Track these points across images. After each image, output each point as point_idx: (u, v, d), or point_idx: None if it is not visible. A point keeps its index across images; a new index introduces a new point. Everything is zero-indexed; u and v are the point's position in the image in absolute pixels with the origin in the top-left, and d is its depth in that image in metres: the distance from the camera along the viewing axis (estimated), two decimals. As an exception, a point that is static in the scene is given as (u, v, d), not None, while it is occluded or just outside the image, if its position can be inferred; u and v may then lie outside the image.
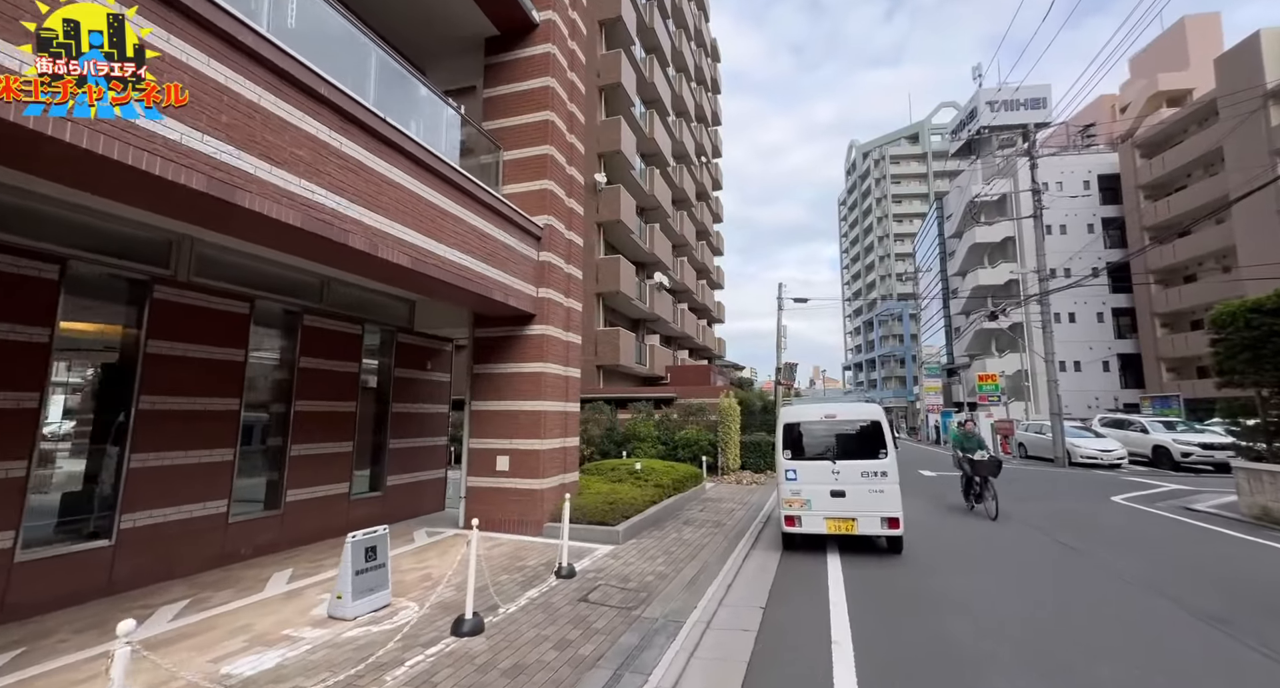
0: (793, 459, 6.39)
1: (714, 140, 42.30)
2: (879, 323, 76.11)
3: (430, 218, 5.25)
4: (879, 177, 78.55)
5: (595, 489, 8.12)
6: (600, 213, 20.13)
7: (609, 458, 13.97)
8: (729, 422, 13.77)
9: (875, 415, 6.40)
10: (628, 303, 21.45)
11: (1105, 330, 34.83)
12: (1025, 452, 20.81)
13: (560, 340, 7.47)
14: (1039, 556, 6.31)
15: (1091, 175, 36.31)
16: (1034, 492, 12.13)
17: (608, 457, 14.12)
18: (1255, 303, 8.83)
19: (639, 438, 14.05)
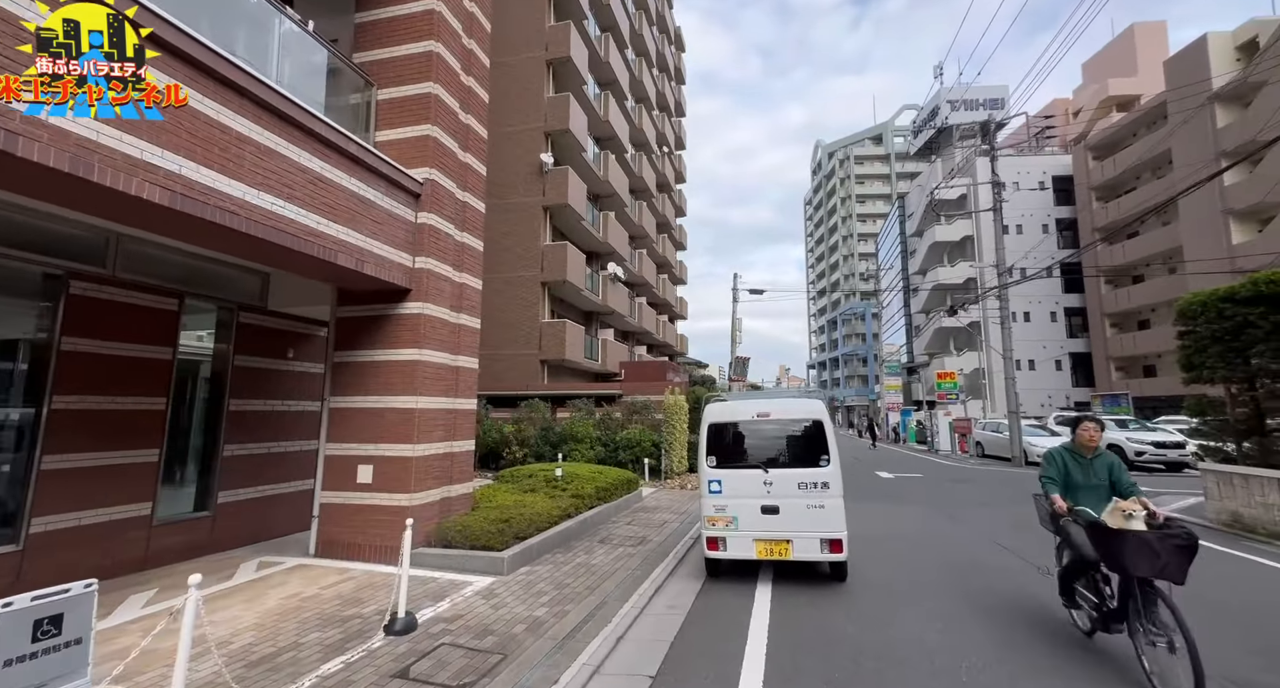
0: (718, 467, 5.23)
1: (677, 131, 41.23)
2: (842, 322, 76.78)
3: (236, 154, 3.85)
4: (844, 176, 79.22)
5: (499, 502, 6.82)
6: (546, 196, 18.72)
7: (543, 461, 12.65)
8: (675, 420, 12.63)
9: (816, 414, 5.30)
10: (576, 294, 20.11)
11: (1058, 330, 35.34)
12: (982, 450, 20.44)
13: (446, 322, 6.12)
14: (1006, 581, 5.32)
15: (1046, 176, 36.81)
16: (993, 495, 11.39)
17: (542, 460, 12.80)
18: (1228, 291, 8.16)
19: (576, 439, 12.77)
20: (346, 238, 4.87)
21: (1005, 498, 10.84)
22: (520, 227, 18.80)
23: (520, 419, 13.60)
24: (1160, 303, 30.43)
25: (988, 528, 7.81)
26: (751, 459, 5.18)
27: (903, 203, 47.60)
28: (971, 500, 10.54)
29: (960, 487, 12.58)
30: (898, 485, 12.72)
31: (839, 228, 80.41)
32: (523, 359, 18.14)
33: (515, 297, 18.49)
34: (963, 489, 12.17)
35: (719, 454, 5.28)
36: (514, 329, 18.32)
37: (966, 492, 11.79)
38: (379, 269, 5.28)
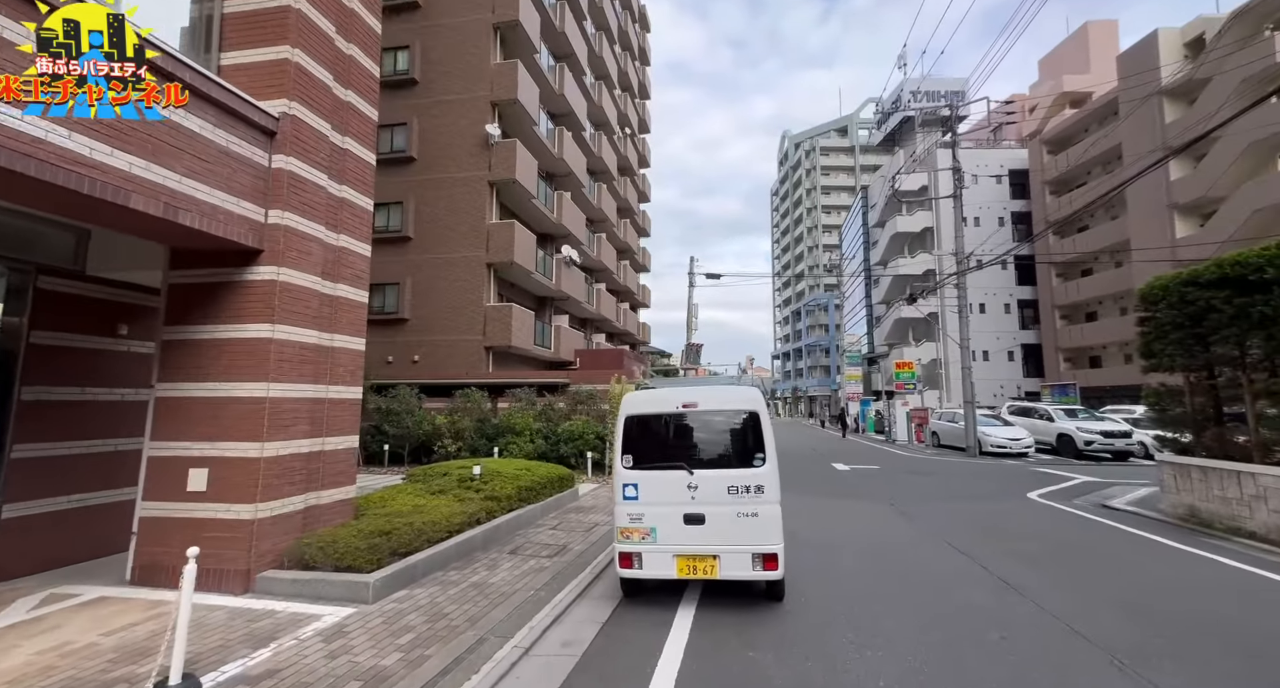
0: (634, 468, 4.35)
1: (641, 114, 40.04)
2: (806, 313, 77.47)
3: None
4: (809, 167, 79.53)
5: (393, 507, 5.79)
6: (493, 170, 17.41)
7: (478, 455, 11.61)
8: (618, 411, 11.72)
9: (751, 404, 4.47)
10: (527, 277, 18.93)
11: (1011, 321, 36.07)
12: (938, 440, 20.37)
13: (315, 293, 5.01)
14: (966, 597, 4.63)
15: (1004, 170, 37.32)
16: (950, 490, 10.96)
17: (477, 454, 11.75)
18: (1191, 275, 7.75)
19: (515, 431, 11.76)
20: (147, 175, 3.72)
21: (962, 493, 10.40)
22: (463, 203, 17.46)
23: (455, 410, 12.49)
24: (1107, 296, 31.29)
25: (945, 528, 7.23)
26: (674, 459, 4.32)
27: (865, 194, 47.77)
28: (928, 495, 10.05)
29: (916, 480, 12.16)
30: (854, 479, 12.21)
31: (804, 219, 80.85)
32: (465, 345, 16.92)
33: (457, 278, 17.21)
34: (919, 483, 11.73)
35: (636, 453, 4.40)
36: (456, 313, 17.05)
37: (923, 486, 11.35)
38: (207, 221, 4.13)
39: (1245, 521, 6.81)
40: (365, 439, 12.56)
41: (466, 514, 5.96)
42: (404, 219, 17.43)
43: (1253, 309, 6.69)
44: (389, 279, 17.40)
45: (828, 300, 69.46)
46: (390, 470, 11.91)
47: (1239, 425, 7.56)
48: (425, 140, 17.90)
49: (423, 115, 17.93)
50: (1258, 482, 6.66)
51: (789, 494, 9.92)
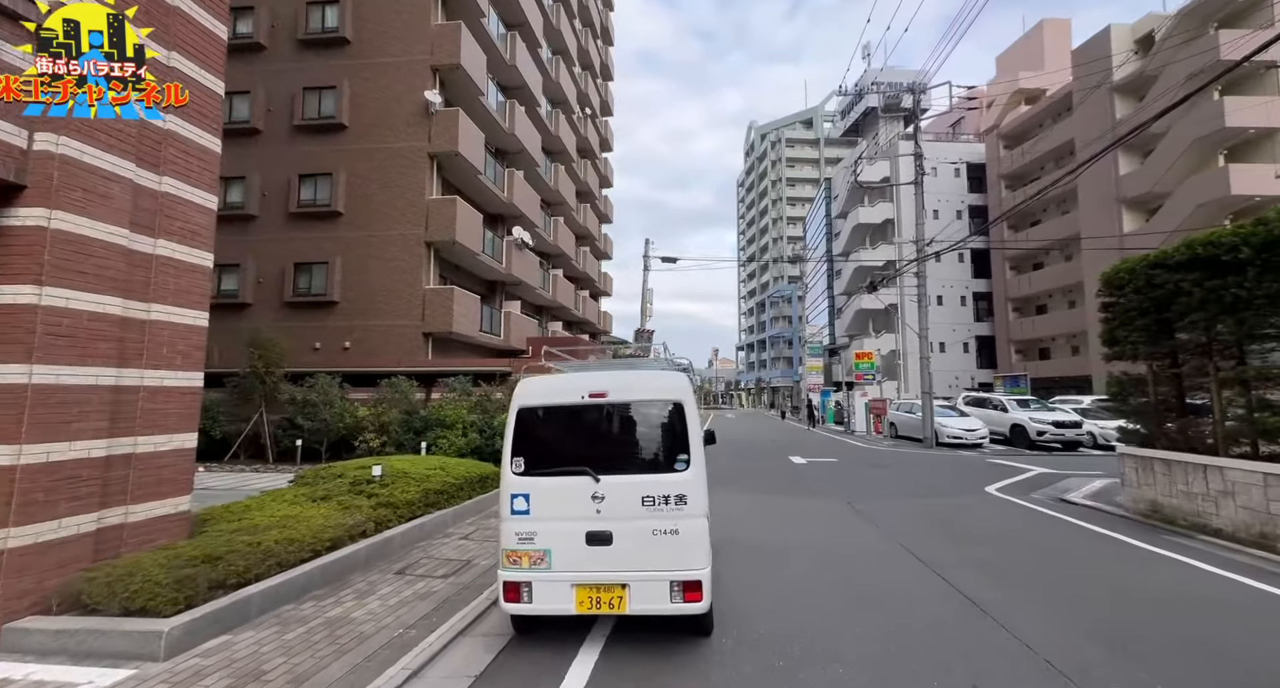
0: (526, 474, 3.43)
1: (603, 95, 38.73)
2: (770, 305, 77.90)
3: None
4: (775, 159, 79.60)
5: (254, 520, 4.71)
6: (433, 141, 16.02)
7: (405, 451, 10.47)
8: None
9: (675, 394, 3.62)
10: (472, 258, 17.65)
11: (967, 314, 36.68)
12: (896, 431, 20.21)
13: (118, 249, 3.85)
14: (930, 621, 3.91)
15: (962, 163, 37.74)
16: (908, 484, 10.47)
17: (404, 450, 10.61)
18: (1159, 257, 7.31)
19: (445, 424, 10.65)
20: None
21: (920, 487, 9.90)
22: (400, 176, 16.03)
23: (380, 401, 11.27)
24: (1056, 289, 32.03)
25: (904, 530, 6.59)
26: (577, 462, 3.41)
27: (828, 186, 47.80)
28: (886, 490, 9.50)
29: (874, 474, 11.68)
30: (810, 473, 11.62)
31: (769, 210, 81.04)
32: (401, 331, 15.60)
33: (393, 258, 15.82)
34: (876, 477, 11.23)
35: (529, 455, 3.47)
36: (392, 296, 15.69)
37: (880, 480, 10.84)
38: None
39: (1210, 517, 6.41)
40: (276, 434, 11.23)
41: (346, 526, 4.93)
42: (333, 192, 15.88)
43: (1225, 292, 6.24)
44: (316, 258, 15.88)
45: (791, 292, 69.86)
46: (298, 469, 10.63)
47: (1203, 416, 7.19)
48: (358, 106, 16.33)
49: (355, 79, 16.33)
50: (1225, 476, 6.25)
51: (742, 493, 9.28)
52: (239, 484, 8.95)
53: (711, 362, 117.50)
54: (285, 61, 16.54)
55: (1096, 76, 24.91)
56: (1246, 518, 5.94)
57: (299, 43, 16.50)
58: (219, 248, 16.50)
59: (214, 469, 10.50)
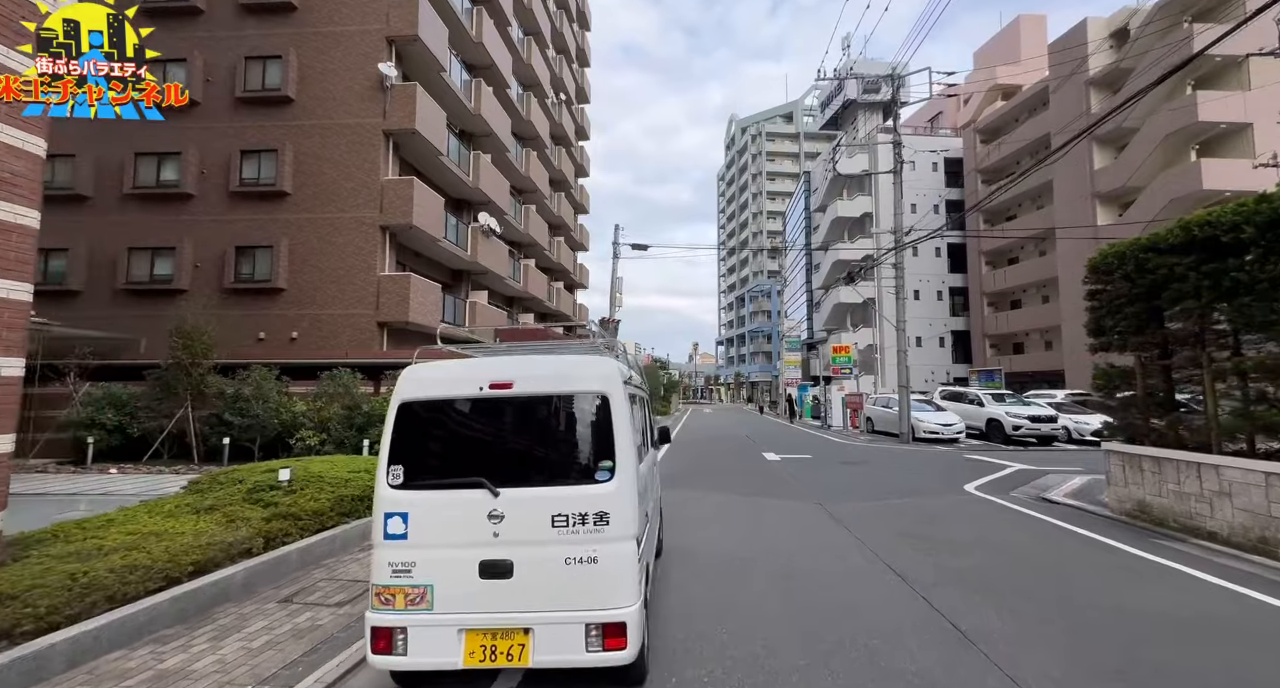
0: (406, 487, 2.68)
1: (580, 81, 37.66)
2: (749, 299, 77.79)
3: None
4: (755, 152, 79.24)
5: (106, 537, 3.89)
6: (389, 118, 14.97)
7: (344, 450, 9.60)
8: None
9: (599, 384, 2.91)
10: (433, 245, 16.67)
11: (943, 308, 36.73)
12: (872, 426, 19.86)
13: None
14: (916, 665, 3.28)
15: (940, 157, 37.69)
16: (885, 483, 9.95)
17: (344, 448, 9.73)
18: (1151, 240, 6.83)
19: (388, 421, 9.76)
20: None
21: (897, 486, 9.38)
22: (351, 154, 14.96)
23: (320, 395, 10.33)
24: (1031, 284, 32.16)
25: (880, 538, 6.00)
26: (471, 471, 2.68)
27: (808, 179, 47.51)
28: (861, 490, 8.95)
29: (849, 472, 11.16)
30: (783, 471, 11.04)
31: (749, 204, 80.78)
32: (354, 321, 14.61)
33: (346, 243, 14.78)
34: (851, 475, 10.71)
35: (412, 462, 2.73)
36: (343, 283, 14.66)
37: (855, 479, 10.32)
38: None
39: (1204, 520, 5.96)
40: (203, 431, 10.22)
41: (223, 545, 4.12)
42: (279, 170, 14.74)
43: (1224, 276, 5.76)
44: (261, 241, 14.75)
45: (771, 287, 69.74)
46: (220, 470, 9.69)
47: (1195, 411, 6.76)
48: (307, 79, 15.18)
49: (303, 48, 15.17)
50: (1221, 476, 5.79)
51: (710, 493, 8.50)
52: (148, 488, 7.99)
53: (692, 356, 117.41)
54: (225, 27, 15.29)
55: (1072, 69, 24.81)
56: (1245, 521, 5.48)
57: (240, 7, 15.26)
58: (150, 229, 15.17)
59: (128, 471, 9.48)
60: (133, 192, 14.84)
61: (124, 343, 13.05)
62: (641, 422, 4.36)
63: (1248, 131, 21.32)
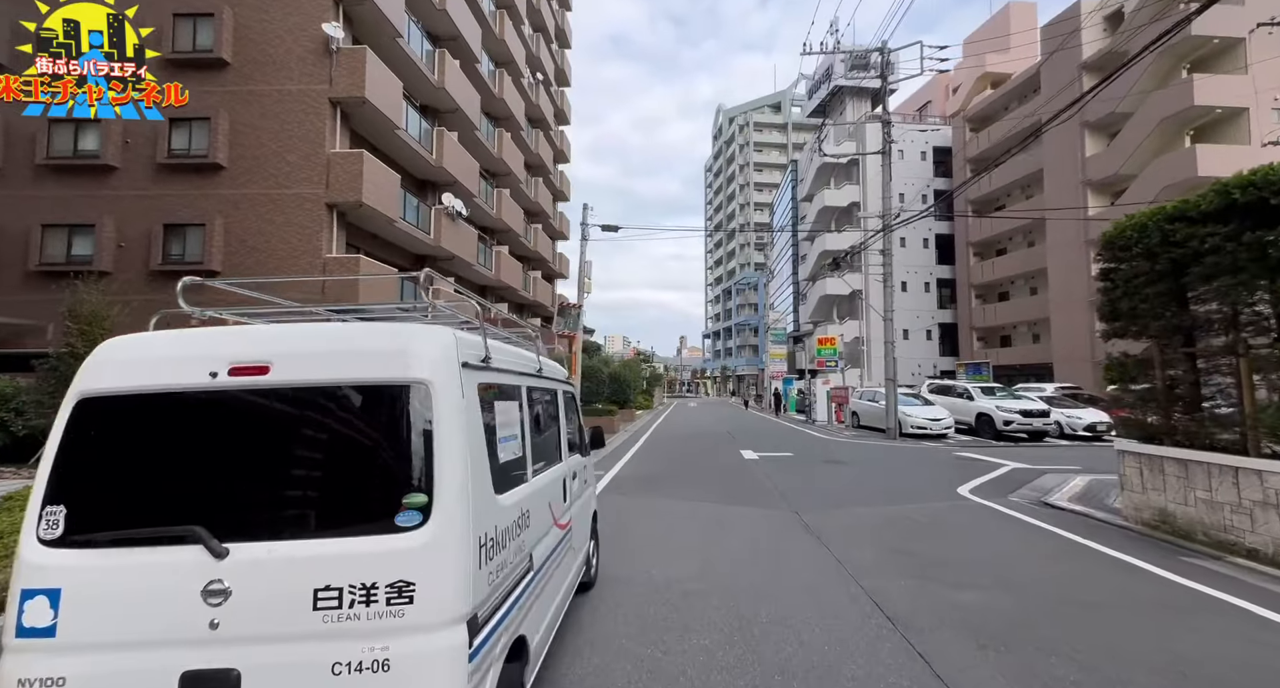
0: (65, 543, 1.59)
1: (560, 63, 36.25)
2: (736, 292, 77.00)
3: None
4: (743, 143, 78.20)
5: None
6: (335, 85, 13.65)
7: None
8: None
9: (414, 367, 1.83)
10: (388, 226, 15.39)
11: (930, 300, 36.10)
12: (858, 421, 19.04)
13: None
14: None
15: (928, 147, 36.94)
16: (870, 486, 9.03)
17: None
18: (1179, 208, 5.89)
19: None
20: None
21: (884, 490, 8.45)
22: (294, 125, 13.63)
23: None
24: (1019, 275, 31.59)
25: (864, 560, 5.02)
26: (181, 514, 1.59)
27: (795, 168, 46.60)
28: (844, 495, 8.00)
29: (832, 472, 10.22)
30: (760, 472, 10.07)
31: (737, 195, 79.80)
32: (297, 308, 13.30)
33: (288, 222, 13.49)
34: (834, 477, 9.77)
35: (83, 500, 1.63)
36: (285, 266, 13.37)
37: (839, 481, 9.38)
38: None
39: (1243, 534, 5.07)
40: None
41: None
42: (211, 141, 13.37)
43: (1274, 246, 4.82)
44: (192, 219, 13.40)
45: (757, 279, 68.98)
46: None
47: (1222, 406, 5.86)
48: (244, 40, 13.78)
49: (239, 5, 13.75)
50: (1266, 483, 4.89)
51: (674, 500, 7.13)
52: (12, 498, 6.76)
53: (680, 350, 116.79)
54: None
55: (1064, 53, 24.03)
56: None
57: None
58: (67, 204, 13.66)
59: (7, 476, 8.21)
60: (47, 162, 13.37)
61: (26, 329, 11.68)
62: (557, 427, 3.34)
63: (1244, 116, 20.70)
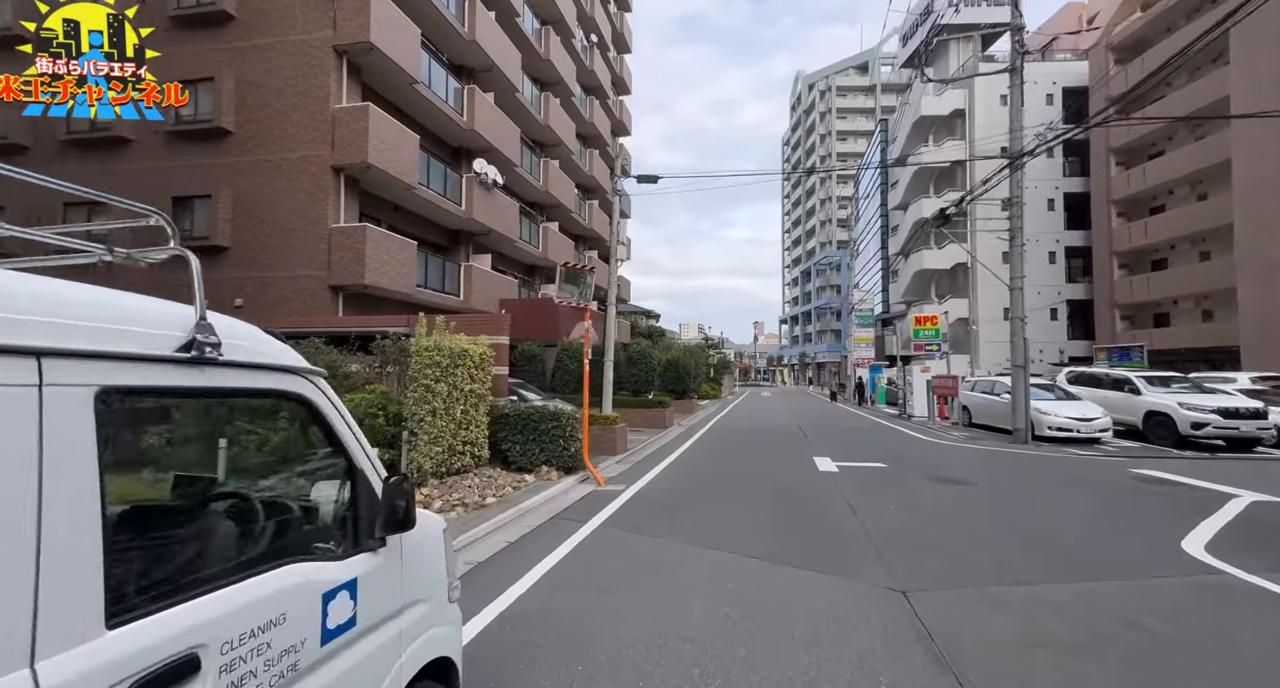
0: None
1: (619, 27, 33.68)
2: (816, 273, 71.45)
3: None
4: (824, 110, 71.82)
5: None
6: (339, 30, 12.06)
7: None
8: (437, 376, 6.73)
9: None
10: (407, 193, 13.78)
11: (1056, 273, 30.13)
12: (969, 417, 15.24)
13: None
14: None
15: (1056, 88, 30.61)
16: (1014, 529, 5.92)
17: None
18: None
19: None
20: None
21: (1042, 540, 5.33)
22: (299, 79, 12.22)
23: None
24: (1183, 237, 25.24)
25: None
26: None
27: (885, 128, 41.13)
28: (979, 550, 5.01)
29: (950, 499, 7.11)
30: (838, 495, 7.18)
31: (817, 166, 73.57)
32: (303, 284, 12.04)
33: (293, 189, 12.18)
34: (956, 508, 6.69)
35: None
36: (288, 238, 12.10)
37: (964, 517, 6.32)
38: None
39: None
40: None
41: None
42: (217, 104, 12.26)
43: None
44: (198, 191, 12.41)
45: (840, 258, 63.27)
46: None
47: None
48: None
49: (241, -48, 12.49)
50: None
51: (701, 546, 3.55)
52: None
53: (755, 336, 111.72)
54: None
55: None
56: None
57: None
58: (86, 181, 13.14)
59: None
60: (68, 137, 12.91)
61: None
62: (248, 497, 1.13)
63: None
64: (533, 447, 8.04)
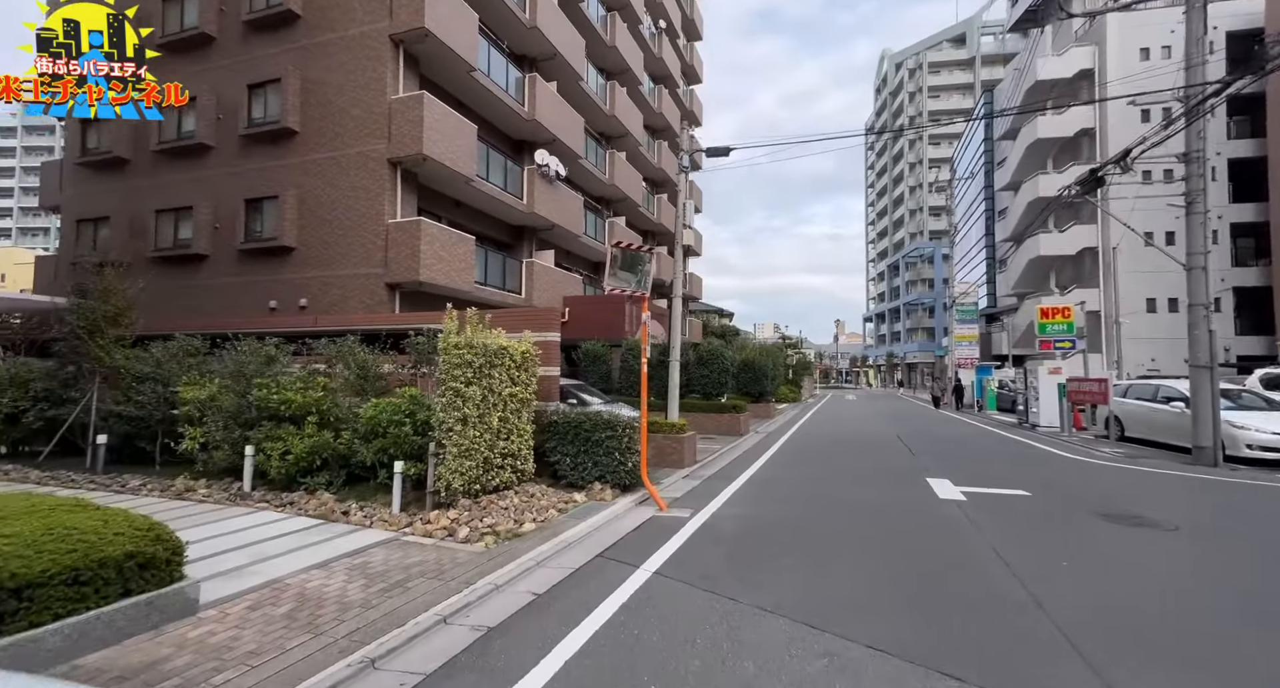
0: None
1: (689, 11, 32.31)
2: (905, 266, 66.01)
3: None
4: (913, 90, 66.25)
5: None
6: (394, 19, 11.67)
7: (221, 450, 6.36)
8: (470, 380, 5.73)
9: None
10: (463, 186, 13.24)
11: (1220, 256, 24.97)
12: (1122, 430, 12.39)
13: None
14: None
15: (1217, 32, 25.43)
16: (1270, 589, 3.92)
17: (220, 450, 6.47)
18: None
19: (277, 416, 6.27)
20: None
21: None
22: (358, 73, 11.98)
23: (226, 373, 7.15)
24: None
25: None
26: None
27: (990, 100, 36.67)
28: (1223, 644, 3.19)
29: (1136, 547, 5.11)
30: (977, 540, 5.39)
31: (905, 153, 68.15)
32: (361, 283, 11.76)
33: (352, 186, 11.95)
34: (1154, 566, 4.72)
35: None
36: (348, 235, 11.86)
37: (1171, 582, 4.39)
38: None
39: None
40: (100, 424, 7.66)
41: None
42: (284, 104, 12.28)
43: None
44: (266, 191, 12.50)
45: (934, 249, 57.91)
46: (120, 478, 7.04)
47: None
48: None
49: (305, -49, 12.46)
50: None
51: (787, 618, 2.98)
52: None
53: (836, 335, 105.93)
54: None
55: None
56: None
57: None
58: (174, 189, 13.35)
59: (1, 471, 7.18)
60: (159, 148, 13.52)
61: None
62: None
63: None
64: (584, 459, 6.90)
